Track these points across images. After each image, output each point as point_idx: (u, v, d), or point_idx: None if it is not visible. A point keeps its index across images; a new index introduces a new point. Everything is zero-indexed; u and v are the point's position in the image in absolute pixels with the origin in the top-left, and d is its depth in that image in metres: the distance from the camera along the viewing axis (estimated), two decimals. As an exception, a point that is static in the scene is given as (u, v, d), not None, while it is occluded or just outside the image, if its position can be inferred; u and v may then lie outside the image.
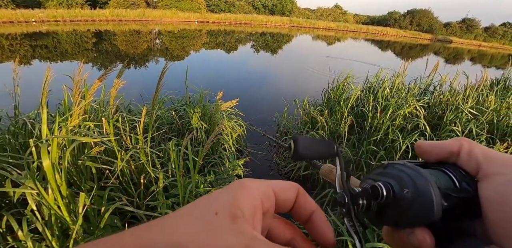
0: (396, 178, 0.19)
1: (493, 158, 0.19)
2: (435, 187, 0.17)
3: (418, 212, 0.17)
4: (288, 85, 5.97)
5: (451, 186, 0.19)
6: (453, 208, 0.18)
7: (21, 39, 9.89)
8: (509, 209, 0.16)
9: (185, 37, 14.75)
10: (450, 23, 50.30)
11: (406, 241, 0.18)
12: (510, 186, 0.17)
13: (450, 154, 0.20)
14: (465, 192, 0.18)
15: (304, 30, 30.15)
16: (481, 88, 3.83)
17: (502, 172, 0.18)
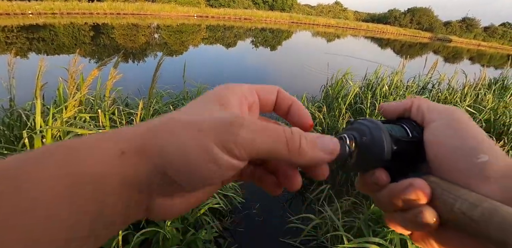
0: (358, 130, 0.23)
1: (433, 109, 0.23)
2: (387, 134, 0.21)
3: (373, 155, 0.21)
4: (287, 81, 5.95)
5: (403, 134, 0.23)
6: (404, 151, 0.22)
7: (18, 32, 9.74)
8: (442, 148, 0.20)
9: (184, 32, 14.61)
10: (450, 22, 50.28)
11: (370, 182, 0.22)
12: (442, 129, 0.21)
13: (404, 110, 0.24)
14: (414, 138, 0.22)
15: (303, 26, 29.99)
16: (479, 87, 3.84)
17: (437, 119, 0.22)
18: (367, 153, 0.21)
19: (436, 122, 0.21)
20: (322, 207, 1.85)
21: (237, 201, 1.86)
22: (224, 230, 1.72)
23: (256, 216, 1.89)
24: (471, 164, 0.18)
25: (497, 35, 48.11)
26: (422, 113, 0.23)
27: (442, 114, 0.22)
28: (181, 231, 1.34)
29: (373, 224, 1.55)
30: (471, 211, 0.16)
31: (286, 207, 2.03)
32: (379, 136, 0.21)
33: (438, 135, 0.21)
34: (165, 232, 1.20)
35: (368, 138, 0.21)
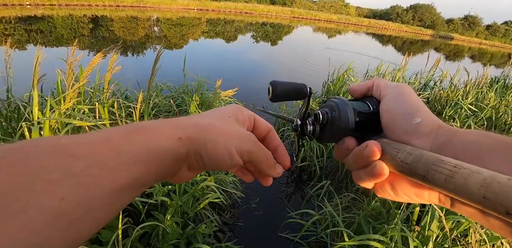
0: (329, 106, 0.29)
1: (387, 86, 0.28)
2: (351, 108, 0.27)
3: (341, 125, 0.27)
4: (288, 76, 5.91)
5: (365, 108, 0.28)
6: (365, 121, 0.27)
7: (16, 23, 9.60)
8: (390, 115, 0.26)
9: (184, 25, 14.45)
10: (452, 20, 49.94)
11: (342, 148, 0.28)
12: (391, 101, 0.26)
13: (368, 89, 0.30)
14: (373, 110, 0.28)
15: (305, 21, 29.72)
16: (482, 85, 3.82)
17: (389, 93, 0.27)
18: (337, 124, 0.27)
19: (388, 95, 0.27)
20: (321, 203, 1.85)
21: (237, 196, 1.85)
22: (224, 224, 1.72)
23: (255, 211, 1.88)
24: (409, 126, 0.24)
25: (499, 34, 47.86)
26: (379, 90, 0.28)
27: (393, 89, 0.27)
28: (180, 225, 1.33)
29: (372, 221, 1.54)
30: (407, 158, 0.21)
31: (286, 202, 2.03)
32: (345, 110, 0.27)
33: (388, 105, 0.26)
34: (165, 226, 1.19)
35: (336, 112, 0.27)
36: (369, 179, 0.25)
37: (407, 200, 0.25)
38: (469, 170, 0.17)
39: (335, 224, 1.57)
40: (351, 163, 0.26)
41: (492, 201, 0.15)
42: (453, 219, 1.17)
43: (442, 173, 0.18)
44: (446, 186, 0.18)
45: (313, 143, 2.41)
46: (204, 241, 1.40)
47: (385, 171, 0.23)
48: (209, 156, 0.23)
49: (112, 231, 1.16)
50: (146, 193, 1.39)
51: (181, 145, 0.21)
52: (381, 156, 0.24)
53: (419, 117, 0.24)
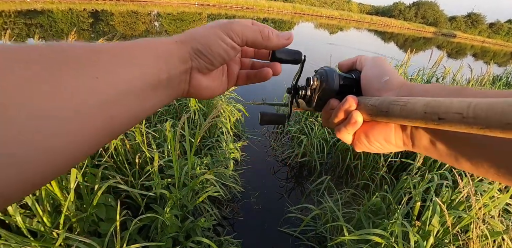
0: (320, 73, 0.33)
1: (367, 59, 0.33)
2: (337, 74, 0.32)
3: (328, 86, 0.31)
4: (289, 72, 5.86)
5: (349, 75, 0.33)
6: (348, 85, 0.32)
7: (15, 17, 9.52)
8: (367, 79, 0.30)
9: (185, 20, 14.33)
10: (456, 17, 49.56)
11: (327, 110, 0.32)
12: (368, 68, 0.31)
13: (353, 64, 0.34)
14: (356, 78, 0.32)
15: (306, 17, 29.50)
16: (485, 82, 3.79)
17: (367, 64, 0.32)
18: (324, 87, 0.32)
19: (366, 65, 0.32)
20: (321, 198, 1.85)
21: (237, 190, 1.85)
22: (223, 218, 1.71)
23: (255, 206, 1.88)
24: (380, 83, 0.29)
25: (502, 32, 47.53)
26: (361, 63, 0.33)
27: (371, 60, 0.32)
28: (180, 218, 1.32)
29: (373, 216, 1.54)
30: (375, 103, 0.26)
31: (285, 197, 2.02)
32: (332, 74, 0.32)
33: (366, 72, 0.31)
34: (164, 219, 1.19)
35: (324, 77, 0.32)
36: (348, 129, 0.29)
37: (379, 148, 0.29)
38: (416, 99, 0.22)
39: (334, 219, 1.57)
40: (333, 118, 0.30)
41: (429, 113, 0.20)
42: (454, 214, 1.16)
43: (398, 104, 0.23)
44: (400, 114, 0.23)
45: (313, 139, 2.40)
46: (203, 234, 1.39)
47: (359, 118, 0.27)
48: (205, 47, 0.26)
49: (111, 223, 1.16)
50: (145, 186, 1.39)
51: (179, 47, 0.25)
52: (357, 107, 0.28)
53: (387, 76, 0.29)
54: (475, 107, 0.17)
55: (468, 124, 0.18)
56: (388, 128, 0.27)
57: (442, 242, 1.17)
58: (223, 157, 1.75)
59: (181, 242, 1.27)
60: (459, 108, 0.18)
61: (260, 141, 2.71)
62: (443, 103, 0.19)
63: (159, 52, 0.23)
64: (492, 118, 0.16)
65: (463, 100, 0.18)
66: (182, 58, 0.25)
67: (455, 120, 0.18)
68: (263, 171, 2.31)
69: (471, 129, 0.18)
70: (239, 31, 0.27)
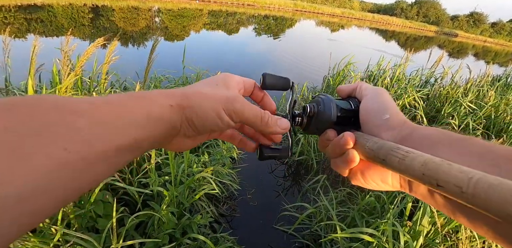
0: (317, 101, 0.33)
1: (367, 88, 0.32)
2: (334, 104, 0.31)
3: (324, 118, 0.31)
4: (288, 70, 5.87)
5: (347, 106, 0.33)
6: (346, 117, 0.32)
7: (15, 12, 9.46)
8: (366, 113, 0.30)
9: (185, 17, 14.26)
10: (458, 16, 49.30)
11: (324, 139, 0.32)
12: (368, 101, 0.31)
13: (352, 90, 0.34)
14: (354, 108, 0.32)
15: (308, 15, 29.33)
16: (483, 83, 3.80)
17: (368, 94, 0.32)
18: (321, 117, 0.31)
19: (367, 96, 0.31)
20: (317, 197, 1.87)
21: (234, 188, 1.87)
22: (221, 216, 1.74)
23: (252, 203, 1.90)
24: (380, 121, 0.29)
25: (505, 32, 47.32)
26: (361, 91, 0.33)
27: (371, 91, 0.32)
28: (176, 215, 1.35)
29: (366, 215, 1.56)
30: (373, 146, 0.25)
31: (282, 195, 2.05)
32: (329, 105, 0.31)
33: (366, 104, 0.31)
34: (160, 216, 1.21)
35: (322, 107, 0.32)
36: (343, 166, 0.29)
37: (375, 187, 0.29)
38: (416, 154, 0.22)
39: (329, 218, 1.59)
40: (330, 152, 0.30)
41: (428, 176, 0.20)
42: (444, 215, 1.18)
43: (397, 156, 0.22)
44: (398, 167, 0.22)
45: (311, 138, 2.42)
46: (200, 231, 1.42)
47: (355, 158, 0.28)
48: (200, 120, 0.25)
49: (108, 219, 1.18)
50: (143, 183, 1.41)
51: (173, 112, 0.24)
52: (354, 145, 0.28)
53: (388, 114, 0.29)
54: (475, 184, 0.17)
55: (467, 201, 0.17)
56: (386, 170, 0.26)
57: (433, 242, 1.20)
58: (220, 155, 1.77)
59: (178, 238, 1.30)
60: (458, 180, 0.18)
61: (258, 140, 2.72)
62: (440, 168, 0.19)
63: (151, 117, 0.22)
64: (493, 204, 0.16)
65: (463, 170, 0.18)
66: (173, 124, 0.24)
67: (454, 192, 0.18)
68: (261, 169, 2.33)
69: (470, 205, 0.17)
70: (240, 113, 0.27)
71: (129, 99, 0.22)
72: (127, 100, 0.22)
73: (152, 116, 0.22)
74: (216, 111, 0.25)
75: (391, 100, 0.31)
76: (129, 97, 0.22)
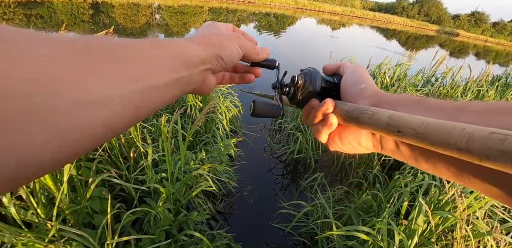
0: (304, 73, 0.36)
1: (348, 66, 0.36)
2: (320, 76, 0.35)
3: (311, 86, 0.34)
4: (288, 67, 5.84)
5: (331, 79, 0.36)
6: (329, 87, 0.35)
7: (15, 8, 9.40)
8: (346, 85, 0.34)
9: (186, 13, 14.19)
10: (459, 16, 49.11)
11: (308, 109, 0.35)
12: (348, 76, 0.35)
13: (337, 68, 0.37)
14: (337, 83, 0.35)
15: (309, 12, 29.20)
16: (483, 83, 3.79)
17: (348, 71, 0.35)
18: (307, 86, 0.34)
19: (347, 72, 0.35)
20: (314, 195, 1.87)
21: (231, 185, 1.87)
22: (218, 213, 1.74)
23: (249, 201, 1.90)
24: (357, 90, 0.32)
25: (506, 32, 47.16)
26: (343, 69, 0.37)
27: (351, 67, 0.36)
28: (173, 212, 1.35)
29: (363, 214, 1.57)
30: (349, 109, 0.28)
31: (280, 193, 2.05)
32: (315, 76, 0.34)
33: (345, 78, 0.35)
34: (157, 213, 1.21)
35: (308, 77, 0.34)
36: (323, 130, 0.32)
37: (351, 149, 0.32)
38: (383, 111, 0.25)
39: (326, 216, 1.59)
40: (313, 118, 0.33)
41: (391, 125, 0.23)
42: (440, 215, 1.18)
43: (367, 114, 0.26)
44: (368, 122, 0.25)
45: (309, 136, 2.42)
46: (196, 228, 1.42)
47: (334, 120, 0.30)
48: (226, 55, 0.30)
49: (104, 215, 1.18)
50: (139, 180, 1.41)
51: (202, 50, 0.28)
52: (333, 110, 0.31)
53: (363, 84, 0.32)
54: (426, 125, 0.20)
55: (420, 139, 0.20)
56: (360, 132, 0.30)
57: (428, 241, 1.20)
58: (217, 153, 1.77)
59: (174, 235, 1.30)
60: (414, 124, 0.21)
61: (257, 137, 2.72)
62: (402, 118, 0.22)
63: (185, 56, 0.26)
64: (438, 138, 0.19)
65: (419, 118, 0.21)
66: (205, 60, 0.28)
67: (410, 134, 0.21)
68: (259, 167, 2.33)
69: (422, 144, 0.21)
70: (245, 46, 0.33)
71: (165, 42, 0.26)
72: (165, 43, 0.25)
73: (188, 56, 0.26)
74: (236, 47, 0.32)
75: (367, 74, 0.35)
76: (164, 41, 0.26)
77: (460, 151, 0.18)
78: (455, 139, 0.18)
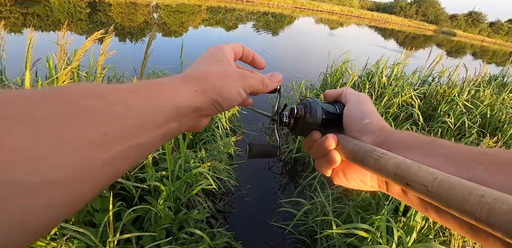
0: (304, 104, 0.35)
1: (351, 94, 0.35)
2: (321, 107, 0.33)
3: (310, 120, 0.33)
4: (286, 67, 5.87)
5: (332, 109, 0.34)
6: (330, 119, 0.33)
7: (11, 6, 9.32)
8: (349, 117, 0.32)
9: (184, 12, 14.15)
10: (456, 15, 49.35)
11: (309, 140, 0.33)
12: (351, 106, 0.33)
13: (338, 95, 0.36)
14: (338, 112, 0.34)
15: (307, 12, 29.22)
16: (479, 82, 3.82)
17: (351, 100, 0.34)
18: (308, 119, 0.33)
19: (350, 102, 0.33)
20: (313, 193, 1.88)
21: (231, 184, 1.88)
22: (218, 211, 1.75)
23: (248, 199, 1.91)
24: (360, 125, 0.31)
25: (502, 32, 47.47)
26: (346, 96, 0.35)
27: (355, 97, 0.34)
28: (173, 210, 1.35)
29: (362, 211, 1.58)
30: (353, 148, 0.27)
31: (279, 192, 2.06)
32: (315, 108, 0.33)
33: (348, 109, 0.33)
34: (157, 211, 1.22)
35: (308, 109, 0.33)
36: (326, 166, 0.31)
37: (356, 186, 0.31)
38: (389, 156, 0.23)
39: (325, 214, 1.61)
40: (315, 153, 0.32)
41: (399, 176, 0.21)
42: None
43: (373, 157, 0.24)
44: (374, 167, 0.24)
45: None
46: (196, 226, 1.43)
47: (337, 158, 0.30)
48: (226, 101, 0.27)
49: (105, 214, 1.18)
50: (140, 178, 1.41)
51: (199, 97, 0.25)
52: (336, 146, 0.30)
53: (368, 119, 0.31)
54: (439, 183, 0.19)
55: (431, 198, 0.19)
56: (364, 171, 0.28)
57: (426, 237, 1.22)
58: (217, 151, 1.78)
59: (174, 233, 1.31)
60: (424, 180, 0.20)
61: (256, 136, 2.73)
62: (411, 169, 0.21)
63: (177, 106, 0.23)
64: (452, 201, 0.18)
65: (430, 172, 0.20)
66: (200, 108, 0.25)
67: (420, 190, 0.20)
68: (258, 165, 2.34)
69: (433, 203, 0.19)
70: (252, 85, 0.30)
71: (152, 87, 0.22)
72: (151, 87, 0.22)
73: (181, 103, 0.23)
74: (237, 90, 0.28)
75: (372, 106, 0.33)
76: (151, 85, 0.22)
77: (479, 222, 0.16)
78: (473, 207, 0.16)
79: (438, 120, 2.80)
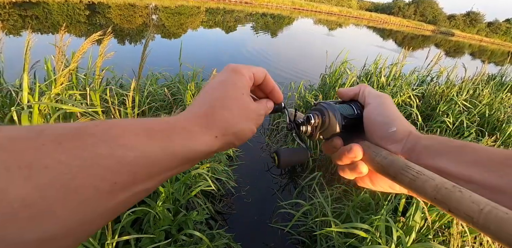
0: (319, 110, 0.33)
1: (371, 94, 0.32)
2: (338, 113, 0.31)
3: (329, 127, 0.31)
4: (285, 67, 5.88)
5: (350, 112, 0.32)
6: (350, 124, 0.31)
7: (10, 8, 9.33)
8: (371, 122, 0.30)
9: (183, 14, 14.18)
10: (454, 16, 49.51)
11: (330, 146, 0.32)
12: (373, 110, 0.31)
13: (355, 94, 0.34)
14: (357, 115, 0.32)
15: (305, 13, 29.30)
16: (478, 82, 3.82)
17: (372, 102, 0.31)
18: (327, 127, 0.31)
19: (370, 104, 0.31)
20: (312, 194, 1.88)
21: (230, 185, 1.88)
22: (217, 213, 1.74)
23: (248, 201, 1.91)
24: (386, 133, 0.29)
25: (500, 31, 47.63)
26: (364, 96, 0.32)
27: (375, 98, 0.31)
28: (172, 212, 1.35)
29: (361, 211, 1.58)
30: (382, 161, 0.26)
31: (278, 193, 2.06)
32: (334, 115, 0.31)
33: (370, 113, 0.31)
34: (156, 212, 1.21)
35: (326, 117, 0.32)
36: (351, 174, 0.30)
37: (382, 190, 0.31)
38: (426, 176, 0.22)
39: (324, 214, 1.60)
40: (337, 160, 0.31)
41: (439, 201, 0.21)
42: (437, 211, 1.20)
43: (407, 176, 0.23)
44: (410, 186, 0.23)
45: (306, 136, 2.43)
46: (196, 228, 1.42)
47: (364, 169, 0.29)
48: (240, 141, 0.27)
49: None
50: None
51: (218, 142, 0.24)
52: (362, 156, 0.29)
53: (394, 127, 0.29)
54: (486, 215, 0.18)
55: (479, 228, 0.18)
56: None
57: (425, 237, 1.22)
58: (216, 153, 1.77)
59: (174, 235, 1.30)
60: (469, 210, 0.19)
61: (255, 137, 2.73)
62: (452, 196, 0.20)
63: (193, 152, 0.22)
64: (502, 236, 0.17)
65: (474, 199, 0.19)
66: (214, 151, 0.25)
67: (466, 220, 0.19)
68: (257, 166, 2.34)
69: (481, 232, 0.19)
70: (261, 120, 0.30)
71: (169, 132, 0.21)
72: (168, 132, 0.21)
73: (199, 149, 0.22)
74: (251, 130, 0.27)
75: (395, 109, 0.31)
76: (169, 130, 0.21)
77: None
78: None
79: (437, 120, 2.80)
